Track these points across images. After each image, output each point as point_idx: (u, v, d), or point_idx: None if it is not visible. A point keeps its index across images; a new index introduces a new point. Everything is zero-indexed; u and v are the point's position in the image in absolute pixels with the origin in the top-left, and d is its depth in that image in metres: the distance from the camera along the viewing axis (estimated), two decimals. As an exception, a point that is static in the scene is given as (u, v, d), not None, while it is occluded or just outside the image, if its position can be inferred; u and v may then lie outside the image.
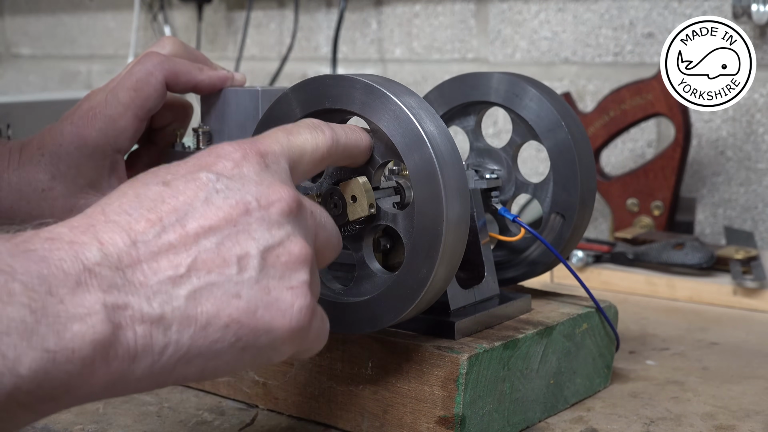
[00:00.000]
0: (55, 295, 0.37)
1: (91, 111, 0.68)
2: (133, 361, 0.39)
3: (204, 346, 0.40)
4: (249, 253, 0.42)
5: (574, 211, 0.66)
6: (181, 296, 0.40)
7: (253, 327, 0.41)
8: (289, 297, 0.42)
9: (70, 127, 0.68)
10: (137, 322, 0.39)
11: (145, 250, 0.40)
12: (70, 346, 0.36)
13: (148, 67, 0.68)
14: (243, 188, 0.43)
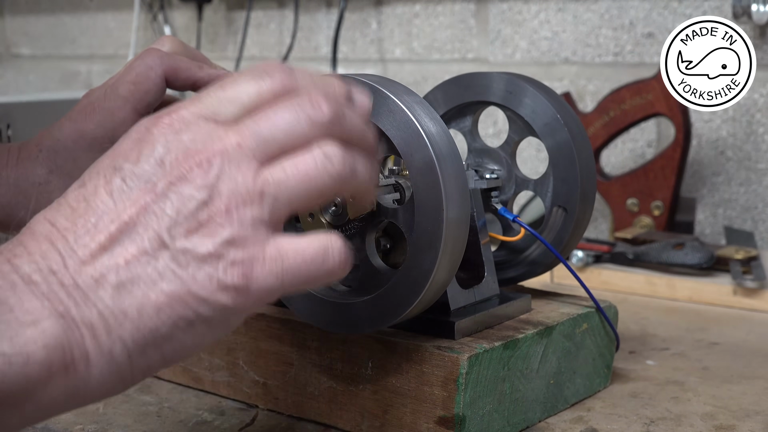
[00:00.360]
0: (5, 305, 0.38)
1: (89, 105, 0.69)
2: (88, 364, 0.40)
3: (148, 335, 0.41)
4: (159, 237, 0.41)
5: (576, 204, 0.65)
6: (106, 295, 0.40)
7: (184, 304, 0.41)
8: (206, 267, 0.41)
9: (69, 123, 0.68)
10: (81, 325, 0.40)
11: (69, 257, 0.41)
12: (24, 351, 0.38)
13: (148, 61, 0.69)
14: (145, 173, 0.42)
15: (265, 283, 0.42)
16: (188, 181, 0.41)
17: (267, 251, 0.42)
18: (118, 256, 0.41)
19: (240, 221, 0.41)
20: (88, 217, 0.42)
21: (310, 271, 0.43)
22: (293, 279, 0.42)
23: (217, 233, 0.41)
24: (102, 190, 0.42)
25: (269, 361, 0.63)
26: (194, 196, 0.41)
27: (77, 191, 0.43)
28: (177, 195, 0.41)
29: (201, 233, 0.41)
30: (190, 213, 0.41)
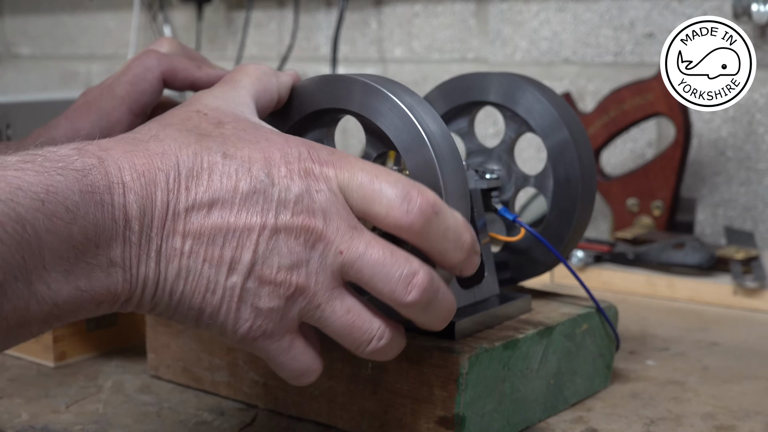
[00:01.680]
0: (98, 245, 0.43)
1: (86, 104, 0.69)
2: (139, 307, 0.46)
3: (173, 313, 0.47)
4: (242, 263, 0.46)
5: (576, 204, 0.65)
6: (173, 270, 0.45)
7: (210, 318, 0.47)
8: (246, 314, 0.46)
9: (65, 121, 0.69)
10: (140, 279, 0.45)
11: (172, 219, 0.45)
12: (94, 289, 0.43)
13: (146, 62, 0.69)
14: (274, 199, 0.46)
15: (258, 350, 0.48)
16: (294, 240, 0.46)
17: (284, 339, 0.48)
18: (203, 250, 0.45)
19: (294, 304, 0.47)
20: (210, 194, 0.45)
21: (281, 371, 0.50)
22: (272, 364, 0.49)
23: (275, 299, 0.46)
24: (234, 179, 0.46)
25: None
26: (288, 256, 0.46)
27: (216, 157, 0.46)
28: (279, 243, 0.46)
29: (268, 288, 0.46)
30: (274, 267, 0.46)
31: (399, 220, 0.47)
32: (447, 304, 0.49)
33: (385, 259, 0.47)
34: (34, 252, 0.40)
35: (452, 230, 0.48)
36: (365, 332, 0.48)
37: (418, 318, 0.49)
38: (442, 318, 0.50)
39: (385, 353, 0.50)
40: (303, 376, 0.50)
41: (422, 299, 0.47)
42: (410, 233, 0.47)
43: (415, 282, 0.47)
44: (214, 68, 0.73)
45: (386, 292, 0.47)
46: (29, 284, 0.41)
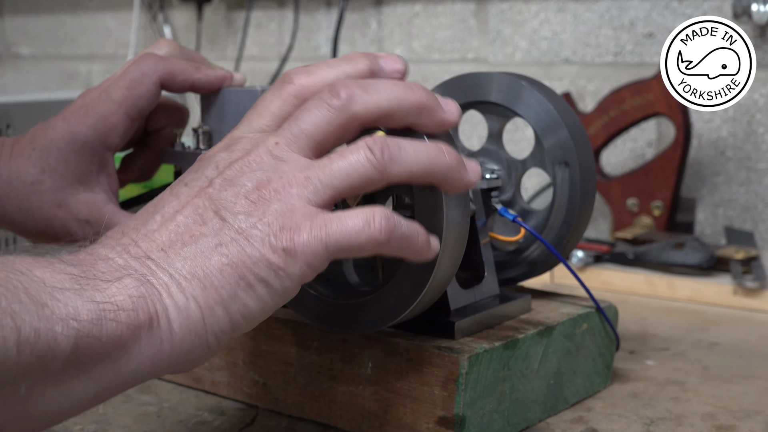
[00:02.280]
0: (89, 270, 0.44)
1: (83, 108, 0.69)
2: (169, 320, 0.45)
3: (215, 294, 0.46)
4: (217, 215, 0.47)
5: (576, 203, 0.65)
6: (176, 261, 0.46)
7: (243, 264, 0.46)
8: (258, 233, 0.46)
9: (62, 123, 0.69)
10: (157, 285, 0.45)
11: (140, 239, 0.47)
12: (113, 300, 0.43)
13: (143, 67, 0.69)
14: (203, 175, 0.49)
15: (311, 246, 0.46)
16: (240, 174, 0.48)
17: (314, 222, 0.47)
18: (184, 233, 0.47)
19: (288, 197, 0.47)
20: (155, 213, 0.48)
21: (351, 236, 0.47)
22: (336, 243, 0.47)
23: (267, 207, 0.47)
24: (167, 195, 0.49)
25: (269, 361, 0.63)
26: (246, 184, 0.48)
27: (147, 205, 0.50)
28: (231, 183, 0.48)
29: (254, 207, 0.47)
30: (244, 195, 0.47)
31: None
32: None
33: (308, 108, 0.50)
34: (28, 276, 0.41)
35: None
36: (357, 150, 0.48)
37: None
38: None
39: (398, 153, 0.49)
40: (370, 221, 0.47)
41: (349, 93, 0.49)
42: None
43: (336, 90, 0.49)
44: (214, 69, 0.73)
45: (327, 117, 0.49)
46: (42, 306, 0.41)
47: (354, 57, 0.53)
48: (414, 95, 0.50)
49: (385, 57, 0.54)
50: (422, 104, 0.51)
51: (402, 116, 0.51)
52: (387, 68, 0.53)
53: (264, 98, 0.52)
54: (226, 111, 0.72)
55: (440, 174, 0.50)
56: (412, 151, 0.49)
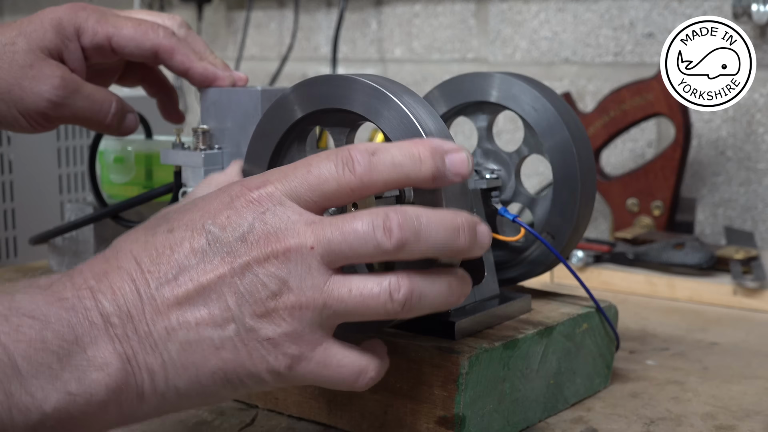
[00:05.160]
0: (80, 345, 0.43)
1: (91, 6, 0.75)
2: (141, 401, 0.45)
3: (199, 388, 0.46)
4: (230, 309, 0.46)
5: (568, 230, 0.65)
6: (173, 349, 0.45)
7: (235, 373, 0.47)
8: (264, 351, 0.46)
9: (60, 8, 0.74)
10: (144, 370, 0.45)
11: (148, 303, 0.45)
12: (89, 391, 0.43)
13: (151, 35, 0.74)
14: (228, 243, 0.47)
15: (303, 377, 0.48)
16: (265, 267, 0.46)
17: (315, 354, 0.47)
18: (191, 316, 0.46)
19: (300, 320, 0.46)
20: (171, 267, 0.46)
21: (338, 383, 0.49)
22: (324, 383, 0.49)
23: (280, 325, 0.46)
24: (187, 244, 0.47)
25: (269, 361, 0.63)
26: (267, 284, 0.46)
27: (164, 236, 0.47)
28: (253, 277, 0.46)
29: (267, 319, 0.46)
30: (261, 299, 0.46)
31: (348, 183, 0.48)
32: (434, 233, 0.47)
33: (354, 228, 0.47)
34: (4, 362, 0.41)
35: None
36: (379, 294, 0.47)
37: (422, 249, 0.48)
38: (436, 245, 0.48)
39: (418, 303, 0.48)
40: (360, 377, 0.49)
41: (405, 235, 0.46)
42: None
43: (390, 225, 0.46)
44: (215, 60, 0.75)
45: (371, 250, 0.46)
46: (8, 395, 0.41)
47: (420, 155, 0.48)
48: (459, 243, 0.48)
49: (452, 156, 0.49)
50: (463, 251, 0.49)
51: (441, 257, 0.49)
52: (450, 174, 0.49)
53: (320, 168, 0.48)
54: (226, 111, 0.72)
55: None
56: (429, 301, 0.48)
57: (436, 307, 0.49)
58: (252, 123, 0.66)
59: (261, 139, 0.60)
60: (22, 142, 0.98)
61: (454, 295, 0.50)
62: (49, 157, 1.01)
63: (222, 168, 0.71)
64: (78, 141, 1.04)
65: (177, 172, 0.73)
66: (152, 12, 0.78)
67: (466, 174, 0.49)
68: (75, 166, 1.03)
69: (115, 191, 0.89)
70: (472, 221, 0.49)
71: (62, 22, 0.73)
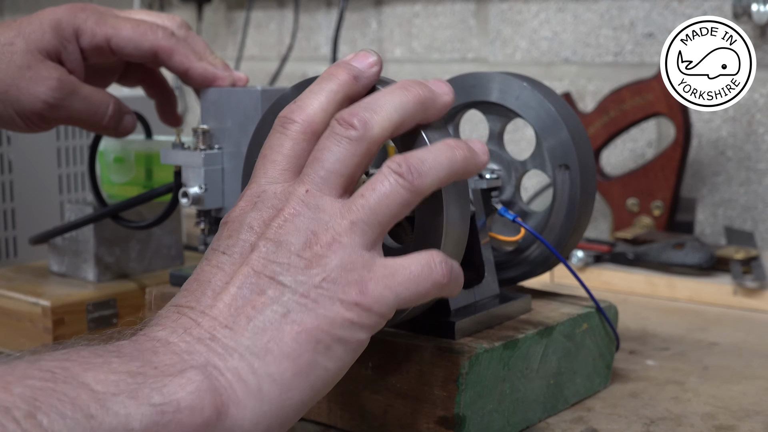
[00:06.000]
0: (149, 364, 0.41)
1: (90, 7, 0.74)
2: (239, 407, 0.42)
3: (292, 364, 0.44)
4: (274, 280, 0.45)
5: (575, 161, 0.65)
6: (244, 338, 0.44)
7: (316, 328, 0.45)
8: (325, 292, 0.45)
9: (60, 8, 0.74)
10: (225, 372, 0.43)
11: (199, 317, 0.45)
12: (174, 398, 0.40)
13: (150, 36, 0.73)
14: (240, 240, 0.47)
15: (382, 296, 0.46)
16: (282, 233, 0.46)
17: (376, 270, 0.46)
18: (245, 306, 0.45)
19: (342, 250, 0.46)
20: (204, 288, 0.46)
21: (419, 283, 0.47)
22: (405, 292, 0.46)
23: (326, 263, 0.45)
24: (207, 267, 0.47)
25: (269, 361, 0.63)
26: (293, 241, 0.46)
27: (188, 280, 0.48)
28: (277, 245, 0.46)
29: (312, 267, 0.45)
30: (296, 255, 0.46)
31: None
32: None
33: (329, 147, 0.48)
34: (75, 386, 0.39)
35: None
36: (387, 178, 0.47)
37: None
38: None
39: (422, 166, 0.48)
40: (432, 265, 0.47)
41: (361, 119, 0.48)
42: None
43: (344, 119, 0.48)
44: (214, 59, 0.75)
45: (348, 152, 0.48)
46: (88, 418, 0.38)
47: (331, 72, 0.51)
48: (413, 93, 0.50)
49: (355, 57, 0.52)
50: (422, 98, 0.50)
51: (411, 119, 0.50)
52: (364, 68, 0.52)
53: (271, 144, 0.50)
54: (226, 111, 0.72)
55: (461, 169, 0.50)
56: (433, 159, 0.48)
57: (448, 165, 0.49)
58: (252, 123, 0.66)
59: (261, 139, 0.60)
60: (22, 142, 0.98)
61: (458, 148, 0.49)
62: (49, 157, 1.01)
63: (222, 168, 0.72)
64: (78, 141, 1.04)
65: (177, 172, 0.73)
66: (152, 12, 0.78)
67: (376, 61, 0.52)
68: (75, 166, 1.03)
69: (115, 191, 0.89)
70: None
71: (61, 23, 0.73)
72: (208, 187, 0.71)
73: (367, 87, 0.52)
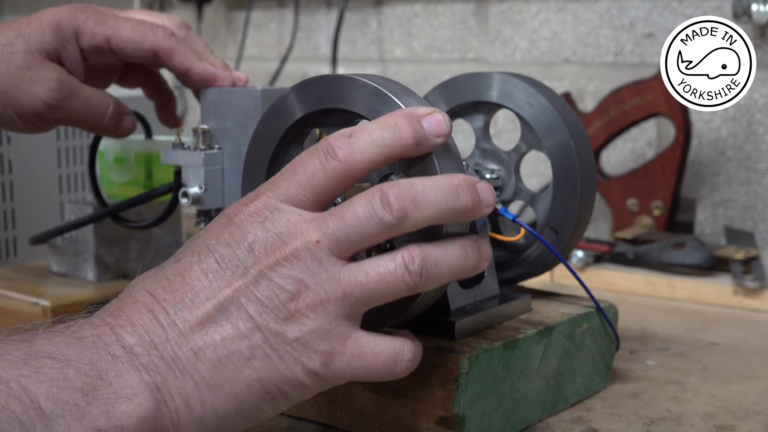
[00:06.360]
0: (105, 379, 0.42)
1: (90, 8, 0.74)
2: (178, 430, 0.44)
3: (237, 405, 0.46)
4: (252, 319, 0.46)
5: (569, 229, 0.65)
6: (204, 368, 0.45)
7: (271, 381, 0.46)
8: (297, 352, 0.46)
9: (59, 9, 0.74)
10: (176, 395, 0.44)
11: (170, 329, 0.45)
12: (119, 424, 0.41)
13: (150, 37, 0.73)
14: (236, 257, 0.47)
15: (341, 373, 0.47)
16: (277, 272, 0.46)
17: (347, 346, 0.47)
18: (215, 333, 0.45)
19: (325, 315, 0.46)
20: (185, 292, 0.46)
21: (377, 373, 0.48)
22: (364, 375, 0.48)
23: (305, 324, 0.46)
24: (196, 267, 0.47)
25: (269, 361, 0.63)
26: (284, 287, 0.46)
27: (173, 266, 0.48)
28: (268, 283, 0.46)
29: (291, 321, 0.46)
30: (281, 303, 0.46)
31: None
32: (431, 197, 0.48)
33: (354, 212, 0.47)
34: (26, 404, 0.40)
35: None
36: (395, 270, 0.47)
37: (424, 215, 0.48)
38: (439, 209, 0.48)
39: (435, 270, 0.48)
40: (397, 361, 0.48)
41: (403, 204, 0.47)
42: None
43: (387, 198, 0.46)
44: (215, 60, 0.75)
45: (375, 228, 0.47)
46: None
47: (398, 124, 0.49)
48: (461, 202, 0.48)
49: (429, 118, 0.50)
50: (467, 210, 0.48)
51: (445, 221, 0.49)
52: (431, 135, 0.50)
53: (305, 165, 0.48)
54: (226, 111, 0.72)
55: (463, 274, 0.50)
56: (446, 266, 0.48)
57: (456, 272, 0.49)
58: (252, 123, 0.66)
59: (261, 139, 0.60)
60: (22, 142, 0.98)
61: (471, 257, 0.49)
62: (49, 157, 1.01)
63: (222, 168, 0.72)
64: (78, 141, 1.04)
65: (177, 172, 0.73)
66: (152, 12, 0.78)
67: (446, 132, 0.50)
68: (75, 166, 1.03)
69: (115, 191, 0.89)
70: (469, 179, 0.49)
71: (61, 24, 0.73)
72: (208, 187, 0.71)
73: (423, 154, 0.50)
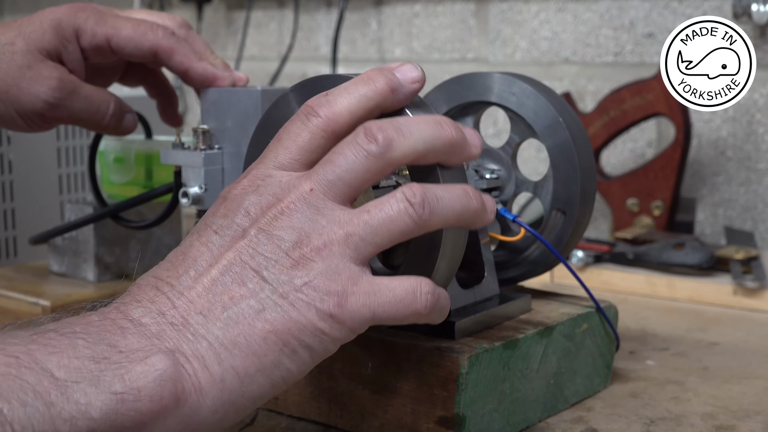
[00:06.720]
0: (114, 346, 0.41)
1: (90, 7, 0.74)
2: (200, 394, 0.43)
3: (257, 362, 0.44)
4: (258, 273, 0.45)
5: (575, 207, 0.65)
6: (215, 328, 0.44)
7: (287, 331, 0.45)
8: (303, 297, 0.45)
9: (60, 8, 0.74)
10: (191, 358, 0.43)
11: (177, 298, 0.45)
12: (135, 386, 0.41)
13: (150, 36, 0.73)
14: (234, 223, 0.47)
15: (359, 313, 0.46)
16: (275, 225, 0.46)
17: (360, 285, 0.46)
18: (223, 294, 0.45)
19: (330, 257, 0.46)
20: (188, 265, 0.46)
21: (398, 308, 0.47)
22: (383, 314, 0.47)
23: (312, 267, 0.45)
24: (197, 242, 0.47)
25: (269, 361, 0.63)
26: (284, 238, 0.46)
27: (174, 250, 0.48)
28: (269, 237, 0.46)
29: (297, 268, 0.45)
30: (284, 252, 0.46)
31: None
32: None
33: (344, 152, 0.47)
34: (38, 373, 0.39)
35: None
36: (397, 204, 0.46)
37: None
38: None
39: (437, 204, 0.47)
40: (417, 294, 0.47)
41: (387, 137, 0.47)
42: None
43: (372, 132, 0.47)
44: (215, 60, 0.75)
45: (364, 165, 0.47)
46: (49, 406, 0.38)
47: (371, 76, 0.50)
48: (445, 133, 0.49)
49: (400, 68, 0.51)
50: (453, 142, 0.49)
51: (434, 156, 0.49)
52: (405, 82, 0.51)
53: (289, 130, 0.50)
54: (226, 111, 0.72)
55: (470, 219, 0.50)
56: (448, 201, 0.48)
57: (460, 211, 0.49)
58: (252, 123, 0.66)
59: (261, 139, 0.60)
60: (22, 142, 0.98)
61: (474, 200, 0.49)
62: (49, 157, 1.01)
63: (222, 168, 0.72)
64: (78, 141, 1.04)
65: (177, 172, 0.73)
66: (152, 12, 0.78)
67: (419, 77, 0.51)
68: (75, 166, 1.03)
69: (115, 191, 0.89)
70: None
71: (61, 23, 0.73)
72: (208, 187, 0.71)
73: (401, 103, 0.51)
